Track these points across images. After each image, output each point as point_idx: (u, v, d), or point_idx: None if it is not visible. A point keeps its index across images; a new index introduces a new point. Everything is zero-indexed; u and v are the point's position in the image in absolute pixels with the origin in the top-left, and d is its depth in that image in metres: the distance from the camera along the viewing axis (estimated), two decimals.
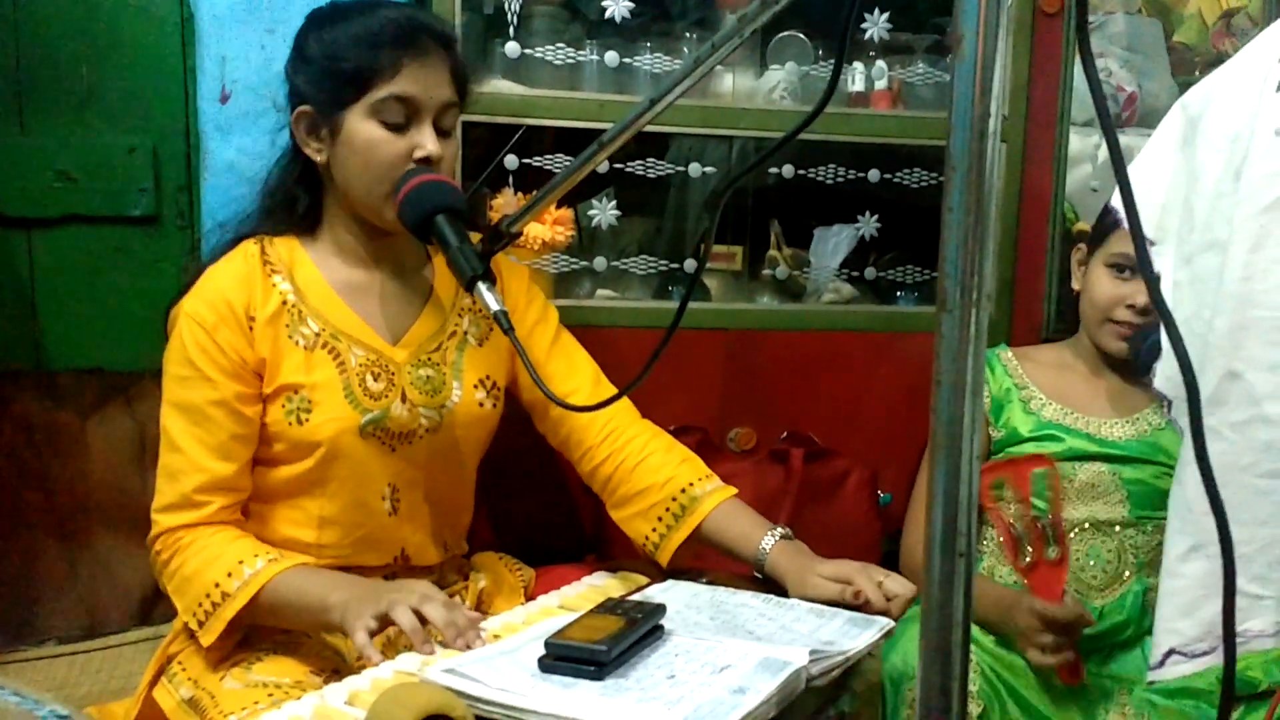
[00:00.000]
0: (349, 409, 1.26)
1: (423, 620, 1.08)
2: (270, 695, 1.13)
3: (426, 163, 1.23)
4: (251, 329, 1.24)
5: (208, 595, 1.18)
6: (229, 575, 1.18)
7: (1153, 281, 0.73)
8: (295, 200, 1.32)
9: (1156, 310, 0.71)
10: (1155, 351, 1.50)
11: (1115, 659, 1.54)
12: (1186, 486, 0.94)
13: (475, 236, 1.23)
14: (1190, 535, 0.93)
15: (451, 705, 0.88)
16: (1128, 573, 1.56)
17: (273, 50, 1.53)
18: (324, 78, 1.24)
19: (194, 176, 1.59)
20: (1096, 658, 1.53)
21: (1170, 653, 0.95)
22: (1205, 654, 0.93)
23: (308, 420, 1.24)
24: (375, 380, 1.28)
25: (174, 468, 1.23)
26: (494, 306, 1.12)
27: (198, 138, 1.57)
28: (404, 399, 1.29)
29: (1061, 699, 1.50)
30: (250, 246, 1.29)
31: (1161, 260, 0.98)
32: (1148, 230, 0.99)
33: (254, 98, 1.54)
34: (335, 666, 1.22)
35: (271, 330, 1.25)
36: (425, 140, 1.23)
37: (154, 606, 1.55)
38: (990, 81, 0.63)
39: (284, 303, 1.27)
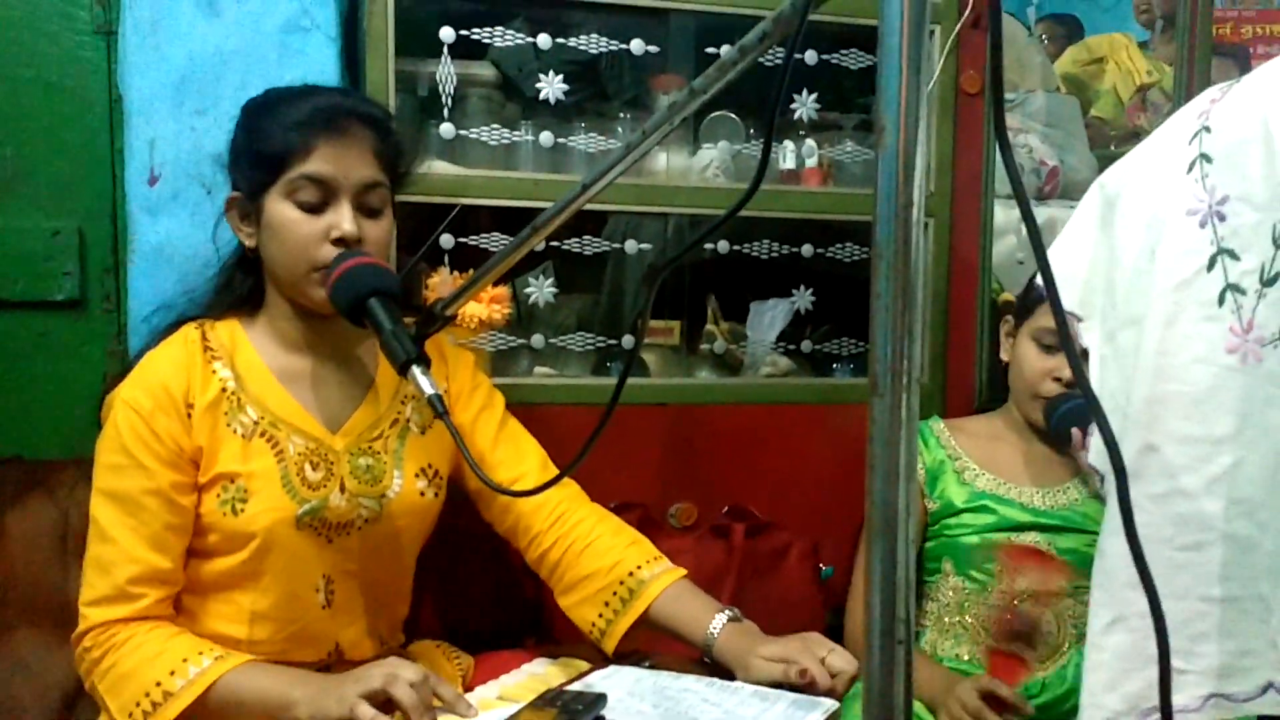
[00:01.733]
0: (286, 499, 1.23)
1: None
2: None
3: (343, 243, 1.22)
4: (190, 416, 1.21)
5: (147, 694, 1.13)
6: (172, 674, 1.13)
7: (1074, 357, 0.74)
8: (232, 282, 1.32)
9: (1080, 387, 0.71)
10: (1066, 420, 1.53)
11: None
12: (1108, 558, 0.95)
13: (411, 320, 1.22)
14: (1112, 608, 0.94)
15: None
16: (1067, 644, 1.57)
17: (203, 132, 1.52)
18: (247, 163, 1.26)
19: (121, 259, 1.56)
20: None
21: None
22: None
23: (243, 510, 1.21)
24: (314, 470, 1.25)
25: (105, 559, 1.18)
26: (428, 390, 1.11)
27: (125, 220, 1.54)
28: (343, 489, 1.26)
29: None
30: (191, 331, 1.27)
31: (1089, 336, 1.00)
32: (1073, 306, 1.01)
33: (183, 180, 1.53)
34: None
35: (210, 418, 1.22)
36: (342, 220, 1.22)
37: (75, 705, 1.48)
38: (913, 170, 0.64)
39: (223, 390, 1.24)
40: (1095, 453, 1.05)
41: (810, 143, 1.81)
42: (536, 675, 1.28)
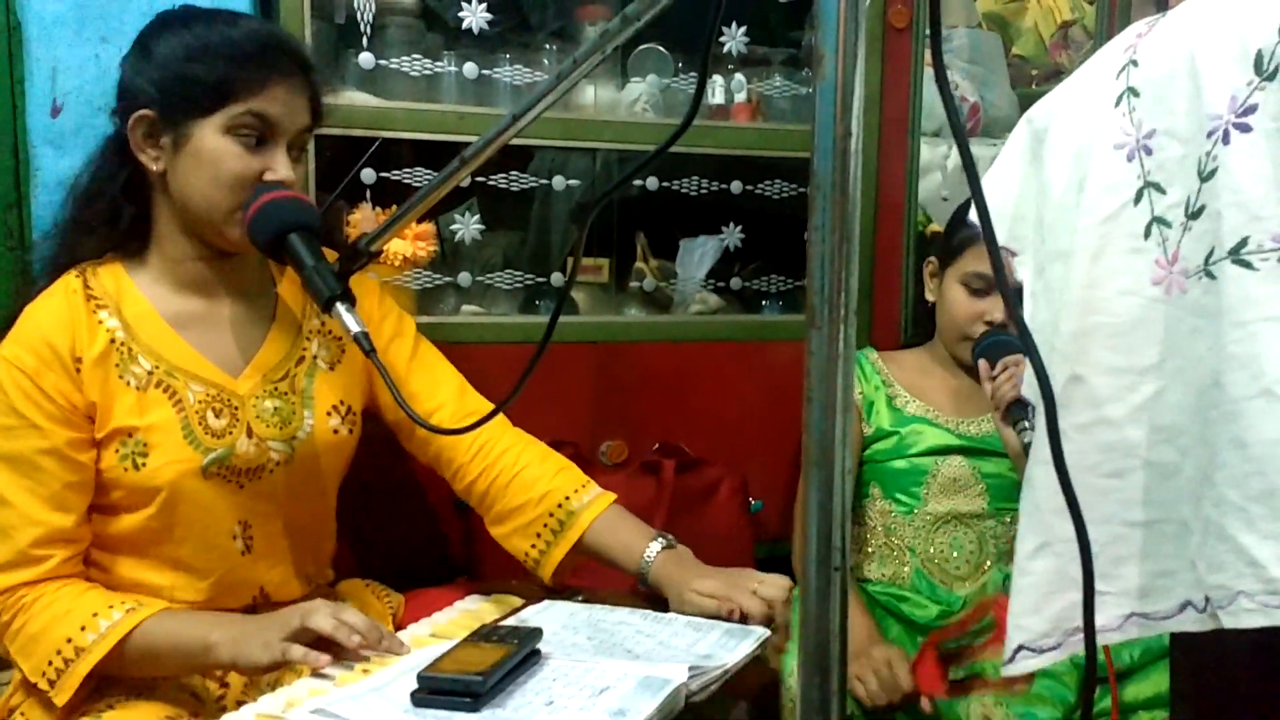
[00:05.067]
0: (188, 450, 1.18)
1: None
2: None
3: (277, 186, 1.18)
4: (79, 371, 1.16)
5: (59, 652, 1.10)
6: (83, 629, 1.11)
7: (1010, 295, 0.75)
8: (119, 213, 1.22)
9: (1014, 323, 0.73)
10: (982, 354, 1.56)
11: (977, 648, 1.60)
12: (1035, 487, 0.98)
13: (331, 255, 1.19)
14: (1038, 534, 0.96)
15: None
16: (988, 562, 1.63)
17: (108, 61, 1.44)
18: (176, 83, 1.16)
19: (24, 194, 1.49)
20: (962, 645, 1.58)
21: (1019, 648, 0.98)
22: (1053, 649, 0.97)
23: (144, 465, 1.17)
24: (217, 417, 1.21)
25: (6, 524, 1.13)
26: (354, 328, 1.08)
27: (27, 153, 1.46)
28: (250, 434, 1.22)
29: None
30: (72, 280, 1.20)
31: (1021, 271, 1.02)
32: (1004, 241, 1.02)
33: (88, 110, 1.45)
34: (193, 710, 1.16)
35: (100, 372, 1.17)
36: (279, 165, 1.18)
37: None
38: (851, 100, 0.64)
39: (112, 341, 1.18)
40: (1026, 384, 1.07)
41: (739, 77, 1.79)
42: (469, 612, 1.28)
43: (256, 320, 1.28)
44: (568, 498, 1.32)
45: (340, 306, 1.10)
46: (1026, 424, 1.48)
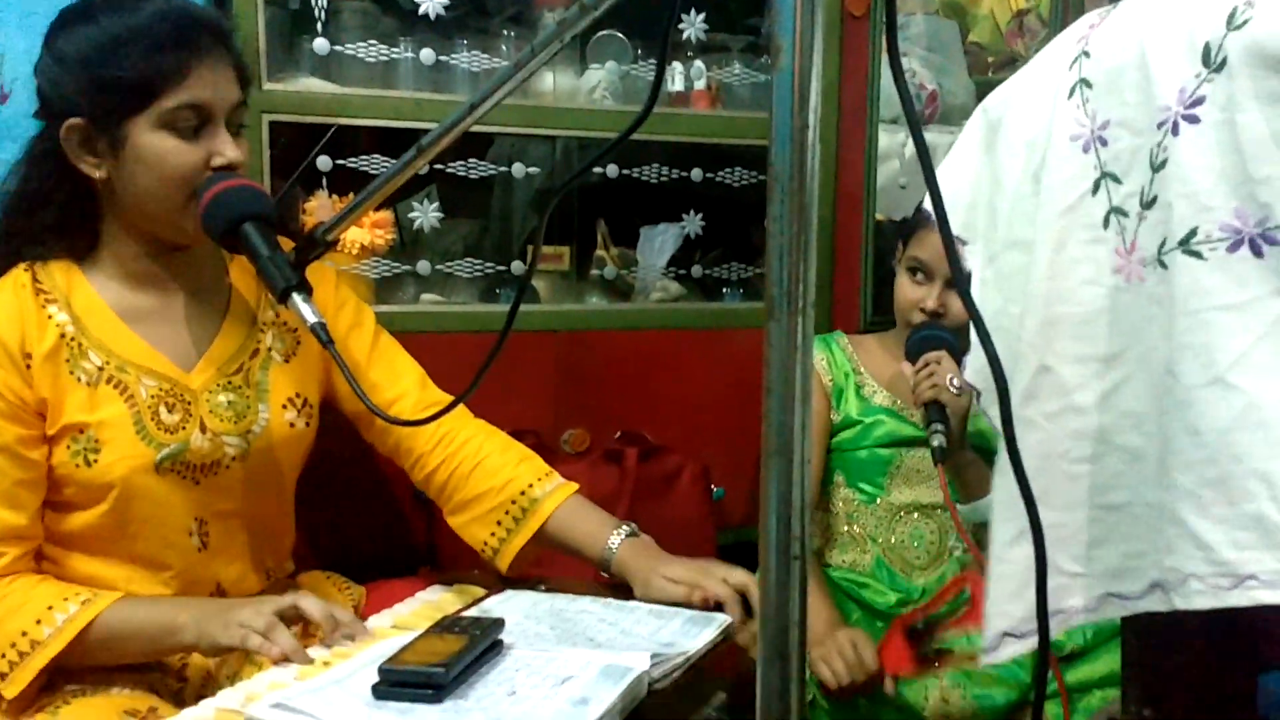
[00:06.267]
0: (141, 446, 1.17)
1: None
2: None
3: (227, 170, 1.15)
4: (28, 368, 1.13)
5: (13, 645, 1.09)
6: (38, 623, 1.09)
7: (962, 279, 0.76)
8: (66, 222, 1.19)
9: (966, 308, 0.73)
10: (915, 347, 1.58)
11: (939, 631, 1.62)
12: (1009, 476, 0.99)
13: (287, 244, 1.17)
14: (1015, 522, 0.98)
15: None
16: (946, 553, 1.65)
17: None
18: (97, 87, 1.12)
19: None
20: (927, 638, 1.60)
21: (1003, 635, 1.00)
22: (1033, 633, 0.98)
23: (96, 461, 1.15)
24: (170, 412, 1.19)
25: None
26: (311, 319, 1.06)
27: None
28: (204, 429, 1.21)
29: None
30: (20, 275, 1.18)
31: (972, 259, 1.03)
32: (958, 229, 1.03)
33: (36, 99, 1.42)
34: (150, 706, 1.14)
35: (50, 367, 1.14)
36: (224, 147, 1.15)
37: None
38: (808, 91, 0.64)
39: (62, 336, 1.16)
40: (972, 371, 1.08)
41: (699, 64, 1.79)
42: (431, 603, 1.27)
43: (210, 313, 1.26)
44: (530, 485, 1.31)
45: (296, 297, 1.08)
46: (939, 426, 1.48)
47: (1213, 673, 1.13)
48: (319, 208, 1.53)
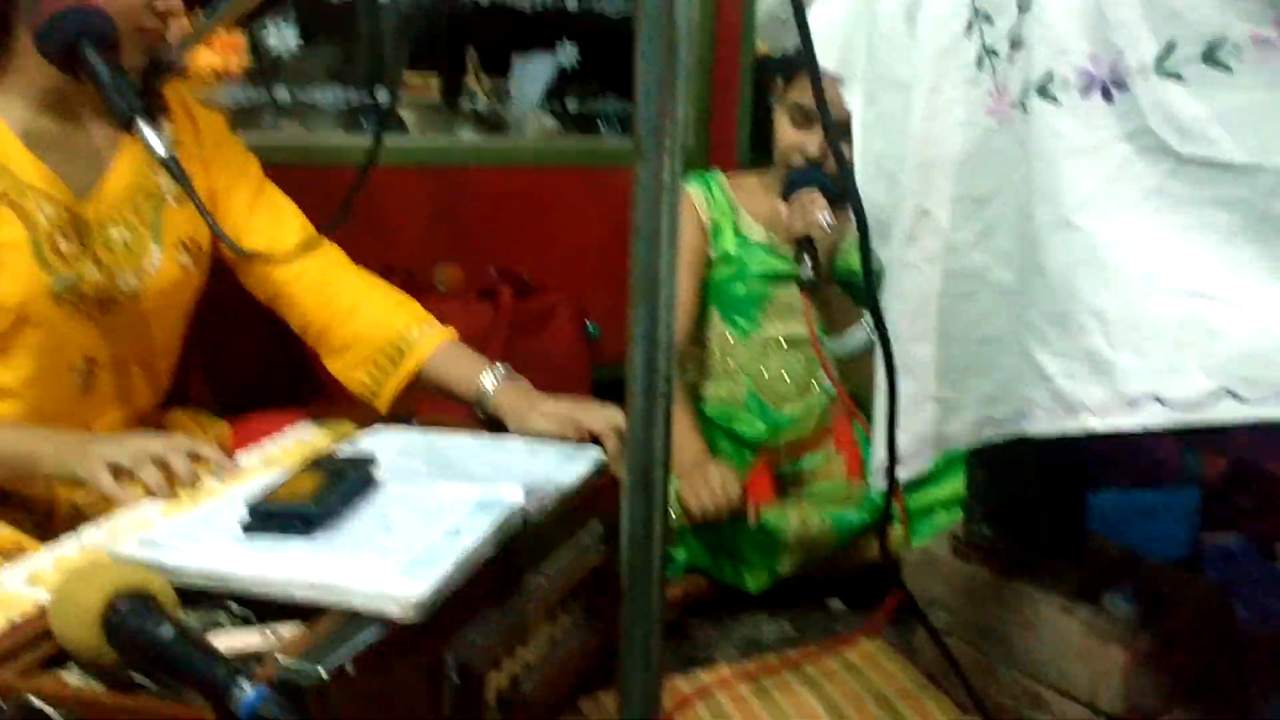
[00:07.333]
0: (39, 271, 1.14)
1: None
2: None
3: None
4: None
5: None
6: None
7: (832, 126, 0.76)
8: None
9: (835, 158, 0.74)
10: (794, 186, 1.59)
11: (801, 459, 1.70)
12: (891, 316, 1.03)
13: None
14: (897, 359, 1.02)
15: (148, 581, 0.82)
16: (814, 384, 1.71)
17: None
18: None
19: None
20: (788, 461, 1.68)
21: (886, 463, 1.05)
22: (914, 459, 1.04)
23: None
24: (66, 241, 1.16)
25: None
26: (158, 149, 1.02)
27: None
28: (97, 261, 1.18)
29: None
30: None
31: (852, 100, 1.03)
32: (834, 66, 1.03)
33: None
34: (16, 541, 1.12)
35: None
36: None
37: None
38: None
39: None
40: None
41: None
42: (302, 441, 1.27)
43: (108, 144, 1.22)
44: (407, 326, 1.31)
45: (141, 124, 1.03)
46: (807, 260, 1.51)
47: (1048, 494, 1.22)
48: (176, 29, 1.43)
